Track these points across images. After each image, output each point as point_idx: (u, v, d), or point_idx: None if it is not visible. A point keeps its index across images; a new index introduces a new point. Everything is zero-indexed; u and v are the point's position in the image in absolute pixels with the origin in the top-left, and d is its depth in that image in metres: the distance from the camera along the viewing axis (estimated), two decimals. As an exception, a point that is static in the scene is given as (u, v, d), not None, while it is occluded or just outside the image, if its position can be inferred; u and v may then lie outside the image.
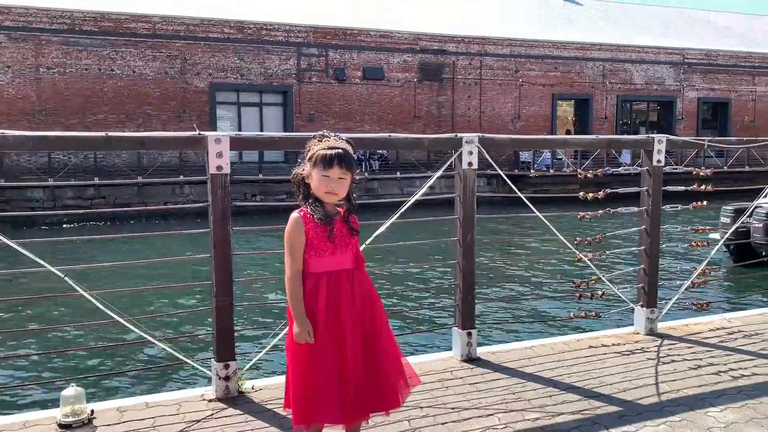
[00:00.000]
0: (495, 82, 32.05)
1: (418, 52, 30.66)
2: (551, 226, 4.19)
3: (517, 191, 4.11)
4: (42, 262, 3.00)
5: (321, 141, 2.66)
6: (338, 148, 2.61)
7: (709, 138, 4.58)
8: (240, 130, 26.53)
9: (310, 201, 2.63)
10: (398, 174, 26.51)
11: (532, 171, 27.13)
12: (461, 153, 3.80)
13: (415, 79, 30.56)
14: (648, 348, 4.19)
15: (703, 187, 4.61)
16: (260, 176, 23.80)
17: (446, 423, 3.08)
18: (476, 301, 3.97)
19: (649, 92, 35.72)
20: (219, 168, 3.25)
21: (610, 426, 3.05)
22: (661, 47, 35.59)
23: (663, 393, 3.44)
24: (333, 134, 2.70)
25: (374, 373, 2.61)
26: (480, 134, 3.86)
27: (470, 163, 3.82)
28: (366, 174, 26.92)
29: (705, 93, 36.73)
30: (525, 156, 28.90)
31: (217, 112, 27.01)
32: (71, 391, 3.08)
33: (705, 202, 4.54)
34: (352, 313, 2.59)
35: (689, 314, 5.09)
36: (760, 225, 12.65)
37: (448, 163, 3.83)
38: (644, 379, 3.65)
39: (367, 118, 30.01)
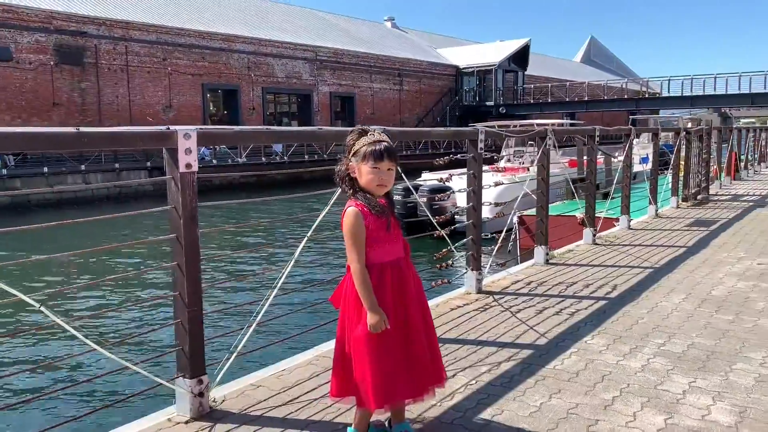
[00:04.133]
0: (143, 69, 30.57)
1: (53, 32, 27.40)
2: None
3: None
4: (14, 291, 2.35)
5: (363, 135, 2.73)
6: (384, 141, 2.72)
7: (508, 129, 5.63)
8: None
9: (361, 194, 2.69)
10: (45, 169, 23.54)
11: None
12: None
13: (52, 62, 27.28)
14: (492, 304, 5.05)
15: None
16: None
17: (431, 389, 3.38)
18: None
19: (290, 85, 38.24)
20: (188, 166, 2.93)
21: (543, 364, 3.75)
22: (298, 44, 38.39)
23: (544, 334, 4.30)
24: (372, 128, 2.79)
25: (430, 350, 2.82)
26: (383, 127, 4.14)
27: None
28: (4, 171, 23.18)
29: (335, 88, 40.91)
30: (205, 151, 28.33)
31: None
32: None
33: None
34: (412, 296, 2.75)
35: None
36: (425, 200, 15.15)
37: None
38: (520, 326, 4.46)
39: (-6, 106, 25.74)
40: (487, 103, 51.09)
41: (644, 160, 12.63)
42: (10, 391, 6.27)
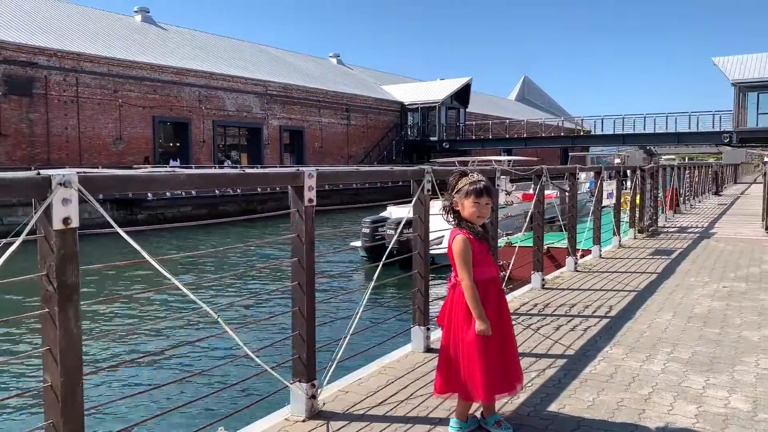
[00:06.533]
0: (93, 101, 30.31)
1: (1, 63, 26.92)
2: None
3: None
4: (200, 302, 2.82)
5: (464, 176, 3.35)
6: (483, 180, 3.35)
7: (515, 168, 6.35)
8: None
9: (464, 223, 3.29)
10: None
11: (149, 194, 26.65)
12: (423, 183, 4.65)
13: (0, 93, 26.73)
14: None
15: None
16: None
17: (497, 391, 3.96)
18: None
19: (240, 119, 38.50)
20: (310, 200, 3.47)
21: (580, 369, 4.39)
22: (248, 78, 38.79)
23: (569, 346, 4.95)
24: (471, 169, 3.42)
25: (515, 352, 3.42)
26: (432, 166, 4.76)
27: (428, 190, 4.70)
28: None
29: (285, 122, 41.40)
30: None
31: None
32: (221, 435, 2.95)
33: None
34: (506, 308, 3.36)
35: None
36: (392, 231, 15.95)
37: (417, 192, 4.62)
38: (546, 341, 5.10)
39: (-64, 136, 25.00)
40: (431, 139, 52.65)
41: (610, 195, 13.78)
42: (182, 391, 7.49)
